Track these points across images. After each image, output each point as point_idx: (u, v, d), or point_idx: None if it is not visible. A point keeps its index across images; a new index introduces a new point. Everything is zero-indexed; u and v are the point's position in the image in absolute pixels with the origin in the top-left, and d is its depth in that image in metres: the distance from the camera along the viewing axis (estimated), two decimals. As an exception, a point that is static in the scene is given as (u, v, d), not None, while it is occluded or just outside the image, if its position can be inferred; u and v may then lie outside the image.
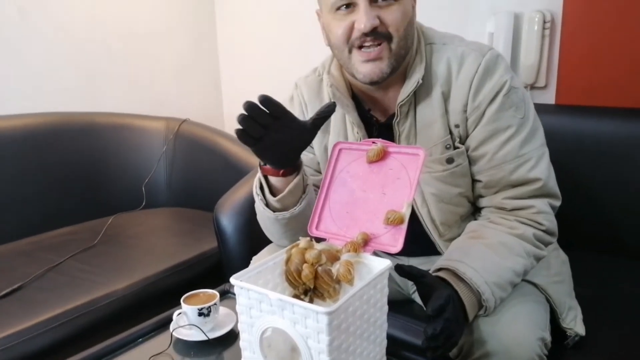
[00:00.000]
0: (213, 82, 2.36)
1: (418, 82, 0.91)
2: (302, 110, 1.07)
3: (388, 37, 0.87)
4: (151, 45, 2.11)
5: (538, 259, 0.91)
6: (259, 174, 0.93)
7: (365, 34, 0.86)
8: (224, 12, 2.27)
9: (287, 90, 1.11)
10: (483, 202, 0.96)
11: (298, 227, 0.92)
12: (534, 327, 0.84)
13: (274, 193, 0.93)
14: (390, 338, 0.80)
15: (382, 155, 0.81)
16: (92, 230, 1.66)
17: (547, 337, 0.86)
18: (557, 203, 0.94)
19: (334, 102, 0.85)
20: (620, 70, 1.38)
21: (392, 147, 0.81)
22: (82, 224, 1.74)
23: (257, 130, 0.77)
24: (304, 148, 0.87)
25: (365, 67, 0.89)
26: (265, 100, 0.75)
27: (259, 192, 0.95)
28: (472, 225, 0.95)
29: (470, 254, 0.85)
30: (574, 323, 0.94)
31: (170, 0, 2.15)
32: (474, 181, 0.96)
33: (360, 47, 0.88)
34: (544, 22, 1.46)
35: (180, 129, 1.94)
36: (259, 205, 0.96)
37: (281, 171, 0.88)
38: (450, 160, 0.93)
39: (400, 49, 0.89)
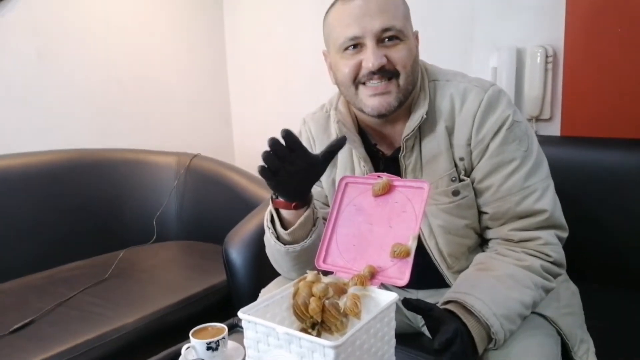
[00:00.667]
0: (224, 118, 2.41)
1: (422, 117, 0.93)
2: (310, 146, 1.09)
3: (396, 74, 0.90)
4: (163, 83, 2.17)
5: (547, 290, 0.90)
6: (271, 207, 0.95)
7: (373, 72, 0.89)
8: (234, 50, 2.35)
9: (295, 126, 1.14)
10: (490, 233, 0.96)
11: (308, 260, 0.93)
12: None
13: (284, 226, 0.94)
14: (399, 372, 0.79)
15: (387, 189, 0.83)
16: (103, 264, 1.67)
17: None
18: (564, 234, 0.94)
19: (344, 137, 0.88)
20: (624, 101, 1.40)
21: (397, 181, 0.83)
22: (94, 258, 1.76)
23: (275, 164, 0.80)
24: (315, 181, 0.89)
25: (373, 100, 0.92)
26: (288, 134, 0.79)
27: (270, 225, 0.97)
28: (479, 257, 0.95)
29: (478, 286, 0.85)
30: (587, 356, 0.92)
31: (182, 39, 2.23)
32: (480, 213, 0.97)
33: (367, 82, 0.91)
34: (546, 56, 1.49)
35: (191, 163, 1.97)
36: (270, 239, 0.97)
37: (293, 204, 0.90)
38: (456, 193, 0.95)
39: (407, 85, 0.92)
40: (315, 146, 1.08)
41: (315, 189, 1.08)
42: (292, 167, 0.81)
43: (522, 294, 0.85)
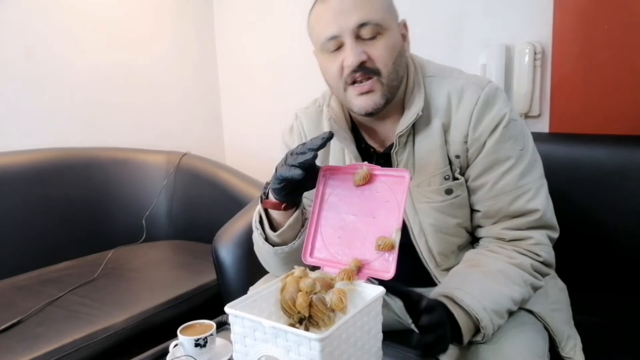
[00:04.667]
0: (214, 116, 2.41)
1: (418, 114, 0.92)
2: (302, 141, 1.07)
3: (377, 72, 0.89)
4: (153, 82, 2.16)
5: (535, 288, 0.91)
6: (260, 208, 0.94)
7: (354, 70, 0.88)
8: (224, 48, 2.34)
9: (289, 120, 1.13)
10: (482, 232, 0.96)
11: (296, 259, 0.92)
12: (532, 357, 0.84)
13: (273, 227, 0.94)
14: (388, 368, 0.79)
15: (368, 179, 0.82)
16: (92, 264, 1.67)
17: None
18: (555, 235, 0.94)
19: (331, 132, 0.86)
20: (612, 97, 1.41)
21: (377, 170, 0.82)
22: (83, 257, 1.75)
23: (309, 158, 0.79)
24: (311, 186, 0.88)
25: (359, 100, 0.91)
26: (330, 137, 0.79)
27: (258, 225, 0.96)
28: (469, 254, 0.95)
29: (468, 282, 0.86)
30: (574, 352, 0.93)
31: (171, 37, 2.22)
32: (472, 211, 0.97)
33: (353, 82, 0.90)
34: (535, 53, 1.50)
35: (181, 162, 1.96)
36: (258, 239, 0.97)
37: (283, 205, 0.89)
38: (449, 191, 0.94)
39: (391, 81, 0.91)
40: None
41: None
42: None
43: (511, 290, 0.86)
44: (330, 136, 0.82)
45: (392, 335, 0.89)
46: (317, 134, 1.04)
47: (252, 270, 1.25)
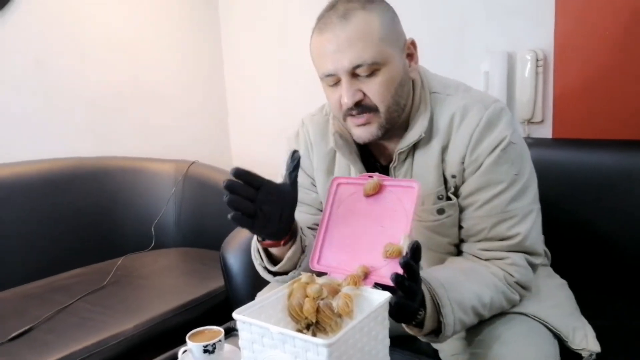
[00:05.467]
0: (221, 125, 2.43)
1: (421, 136, 0.92)
2: (308, 149, 1.07)
3: (374, 109, 0.88)
4: (161, 91, 2.19)
5: (508, 300, 0.89)
6: (258, 245, 0.93)
7: (350, 108, 0.88)
8: (231, 57, 2.37)
9: (294, 128, 1.13)
10: (464, 247, 0.97)
11: None
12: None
13: (272, 260, 0.94)
14: (395, 373, 0.80)
15: (378, 189, 0.84)
16: (102, 271, 1.69)
17: None
18: (537, 261, 0.93)
19: (296, 151, 0.84)
20: (614, 102, 1.41)
21: (387, 181, 0.84)
22: (93, 265, 1.77)
23: (248, 206, 0.77)
24: (294, 209, 0.86)
25: (357, 130, 0.91)
26: (238, 172, 0.75)
27: (257, 255, 0.95)
28: (449, 258, 0.97)
29: (438, 271, 0.87)
30: (585, 342, 0.91)
31: (179, 48, 2.25)
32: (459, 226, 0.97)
33: (349, 116, 0.91)
34: (537, 60, 1.51)
35: (189, 170, 1.99)
36: (259, 269, 0.97)
37: (282, 241, 0.88)
38: (441, 211, 0.94)
39: (390, 113, 0.90)
40: (313, 151, 1.07)
41: (310, 195, 1.09)
42: (267, 206, 0.79)
43: (480, 289, 0.85)
44: (298, 156, 0.82)
45: (398, 341, 0.90)
46: (323, 146, 1.05)
47: (260, 277, 1.26)
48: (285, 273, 0.94)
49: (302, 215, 1.04)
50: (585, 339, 0.92)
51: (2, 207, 1.64)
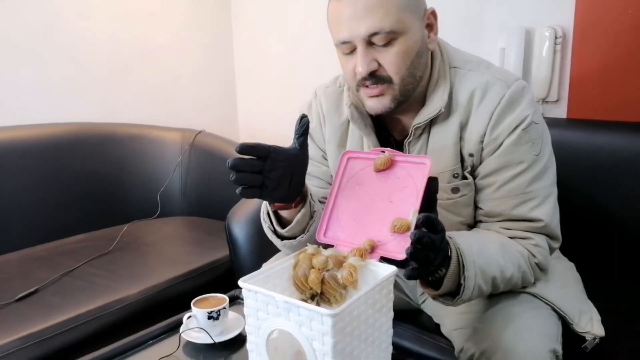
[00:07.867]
0: (229, 94, 2.41)
1: (440, 110, 0.90)
2: (320, 122, 1.06)
3: (388, 80, 0.87)
4: (169, 59, 2.17)
5: (525, 280, 0.89)
6: (268, 208, 0.92)
7: (365, 78, 0.86)
8: (240, 26, 2.33)
9: (304, 98, 1.11)
10: (482, 226, 0.95)
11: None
12: (545, 340, 0.84)
13: (282, 223, 0.93)
14: (398, 347, 0.80)
15: (389, 164, 0.83)
16: (107, 237, 1.70)
17: (559, 349, 0.85)
18: (556, 245, 0.93)
19: (305, 115, 0.82)
20: (632, 84, 1.38)
21: (399, 156, 0.83)
22: (99, 231, 1.78)
23: (255, 179, 0.77)
24: (304, 173, 0.85)
25: (370, 101, 0.90)
26: (244, 148, 0.75)
27: (266, 218, 0.95)
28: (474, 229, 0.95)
29: (469, 234, 0.86)
30: (590, 326, 0.91)
31: (187, 16, 2.22)
32: (476, 208, 0.95)
33: (362, 86, 0.89)
34: (555, 37, 1.47)
35: (195, 139, 1.98)
36: (267, 231, 0.97)
37: (293, 204, 0.88)
38: (455, 190, 0.93)
39: (405, 85, 0.88)
40: (325, 124, 1.05)
41: (320, 168, 1.08)
42: (275, 173, 0.78)
43: (505, 263, 0.84)
44: (307, 120, 0.81)
45: (402, 315, 0.90)
46: (336, 118, 1.03)
47: (265, 247, 1.26)
48: (294, 237, 0.93)
49: (311, 189, 1.03)
50: (590, 322, 0.92)
51: (9, 171, 1.65)
